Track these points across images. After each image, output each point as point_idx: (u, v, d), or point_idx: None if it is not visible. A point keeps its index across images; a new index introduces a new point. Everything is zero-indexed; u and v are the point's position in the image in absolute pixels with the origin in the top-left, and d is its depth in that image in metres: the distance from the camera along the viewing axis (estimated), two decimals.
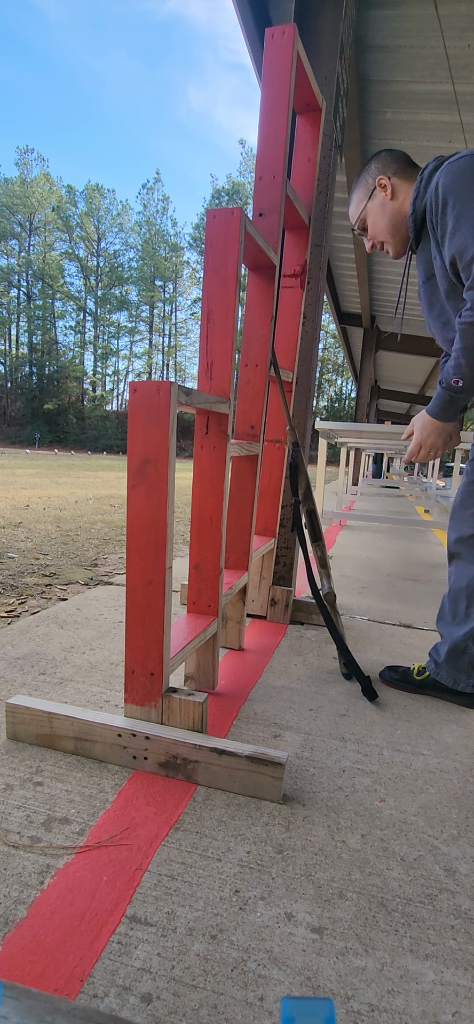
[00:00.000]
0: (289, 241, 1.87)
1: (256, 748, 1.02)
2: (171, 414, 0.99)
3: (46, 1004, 0.49)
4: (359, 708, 1.39)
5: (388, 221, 1.44)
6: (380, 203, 1.43)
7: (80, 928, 0.71)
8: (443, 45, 2.64)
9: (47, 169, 52.24)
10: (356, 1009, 0.64)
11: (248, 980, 0.66)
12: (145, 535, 1.04)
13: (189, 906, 0.76)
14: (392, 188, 1.41)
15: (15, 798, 0.95)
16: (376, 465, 14.60)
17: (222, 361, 1.26)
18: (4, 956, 0.67)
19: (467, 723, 1.36)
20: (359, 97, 3.15)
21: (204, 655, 1.39)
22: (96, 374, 52.99)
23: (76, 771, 1.04)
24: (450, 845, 0.92)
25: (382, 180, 1.42)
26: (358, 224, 1.50)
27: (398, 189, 1.41)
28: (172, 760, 1.04)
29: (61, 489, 8.04)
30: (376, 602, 2.45)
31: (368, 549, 3.93)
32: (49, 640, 1.69)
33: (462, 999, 0.66)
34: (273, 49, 1.48)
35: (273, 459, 1.95)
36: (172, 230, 53.97)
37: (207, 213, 1.23)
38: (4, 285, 48.75)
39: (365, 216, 1.46)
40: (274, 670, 1.59)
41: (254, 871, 0.83)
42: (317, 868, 0.85)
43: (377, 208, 1.44)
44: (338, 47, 1.93)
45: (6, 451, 26.62)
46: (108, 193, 51.89)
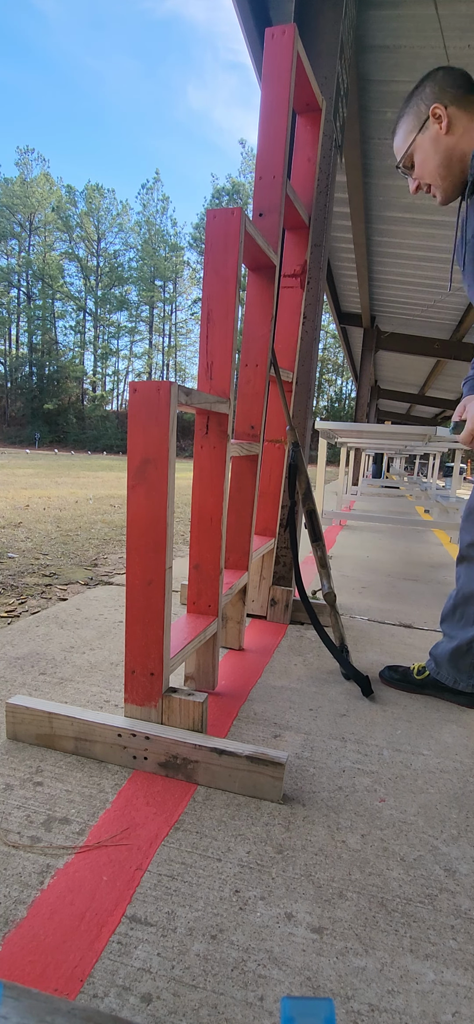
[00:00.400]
0: (289, 241, 1.87)
1: (256, 748, 1.02)
2: (171, 414, 0.99)
3: (46, 1004, 0.49)
4: (359, 708, 1.39)
5: (440, 160, 1.23)
6: (432, 137, 1.22)
7: (80, 928, 0.71)
8: (443, 45, 2.64)
9: (47, 169, 52.27)
10: (356, 1009, 0.64)
11: (248, 980, 0.66)
12: (145, 535, 1.04)
13: (189, 906, 0.76)
14: (448, 120, 1.20)
15: (15, 798, 0.95)
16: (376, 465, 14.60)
17: (222, 361, 1.26)
18: (4, 956, 0.67)
19: (467, 723, 1.36)
20: (359, 97, 3.15)
21: (204, 655, 1.39)
22: (96, 374, 53.01)
23: (76, 771, 1.04)
24: (450, 845, 0.92)
25: (437, 109, 1.20)
26: (403, 161, 1.29)
27: (456, 121, 1.20)
28: (172, 760, 1.04)
29: (61, 489, 8.04)
30: (376, 602, 2.45)
31: (368, 549, 3.93)
32: (49, 640, 1.69)
33: (462, 999, 0.66)
34: (273, 49, 1.48)
35: (273, 459, 1.95)
36: (172, 230, 54.02)
37: (207, 213, 1.23)
38: (4, 285, 48.76)
39: (413, 151, 1.26)
40: (274, 670, 1.59)
41: (254, 871, 0.83)
42: (317, 868, 0.85)
43: (428, 143, 1.23)
44: (338, 47, 1.93)
45: (6, 451, 26.63)
46: (108, 193, 51.93)
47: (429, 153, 1.24)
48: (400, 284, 6.42)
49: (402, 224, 4.76)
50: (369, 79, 3.02)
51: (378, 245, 5.34)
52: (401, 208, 4.47)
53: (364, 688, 1.44)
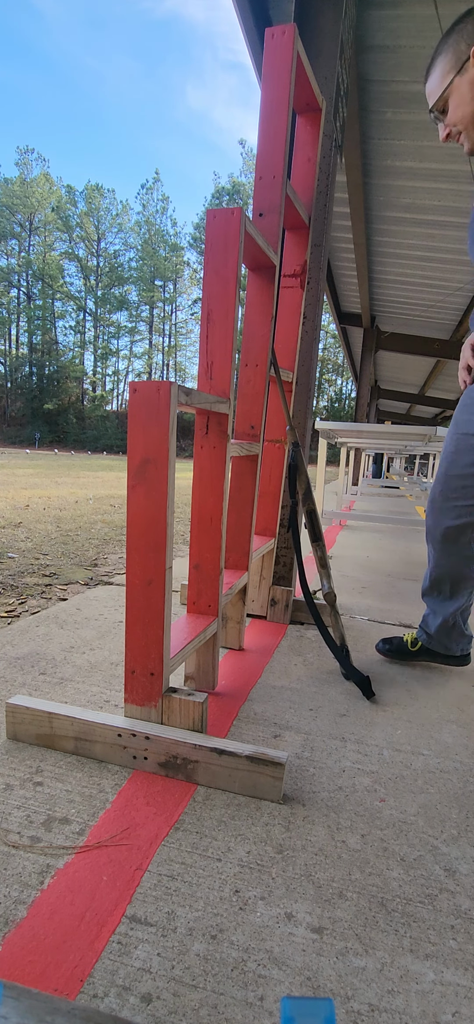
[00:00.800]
0: (289, 241, 1.87)
1: (256, 748, 1.02)
2: (171, 414, 0.99)
3: (46, 1004, 0.49)
4: (359, 708, 1.39)
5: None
6: (471, 81, 1.16)
7: (80, 928, 0.71)
8: None
9: (47, 169, 52.25)
10: (356, 1009, 0.64)
11: (248, 980, 0.66)
12: (145, 535, 1.04)
13: (189, 906, 0.76)
14: None
15: (15, 798, 0.95)
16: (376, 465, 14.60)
17: (222, 361, 1.26)
18: (4, 956, 0.67)
19: (467, 723, 1.36)
20: (359, 97, 3.15)
21: (204, 655, 1.39)
22: (96, 374, 53.01)
23: (76, 771, 1.04)
24: (450, 845, 0.92)
25: None
26: (439, 104, 1.22)
27: None
28: (172, 760, 1.04)
29: (61, 489, 8.04)
30: (376, 602, 2.45)
31: (368, 549, 3.93)
32: (49, 640, 1.69)
33: (462, 999, 0.66)
34: (273, 49, 1.48)
35: (273, 459, 1.95)
36: (172, 230, 54.01)
37: (207, 213, 1.23)
38: (4, 285, 48.76)
39: (449, 95, 1.20)
40: (274, 670, 1.59)
41: (254, 871, 0.83)
42: (317, 868, 0.85)
43: (467, 86, 1.17)
44: (338, 47, 1.93)
45: (6, 451, 26.63)
46: (108, 193, 51.92)
47: (466, 97, 1.18)
48: (400, 284, 6.42)
49: (402, 224, 4.76)
50: (369, 79, 3.02)
51: (378, 245, 5.35)
52: (401, 208, 4.47)
53: (365, 689, 1.45)
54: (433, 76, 1.23)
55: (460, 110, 1.20)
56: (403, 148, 3.61)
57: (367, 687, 1.45)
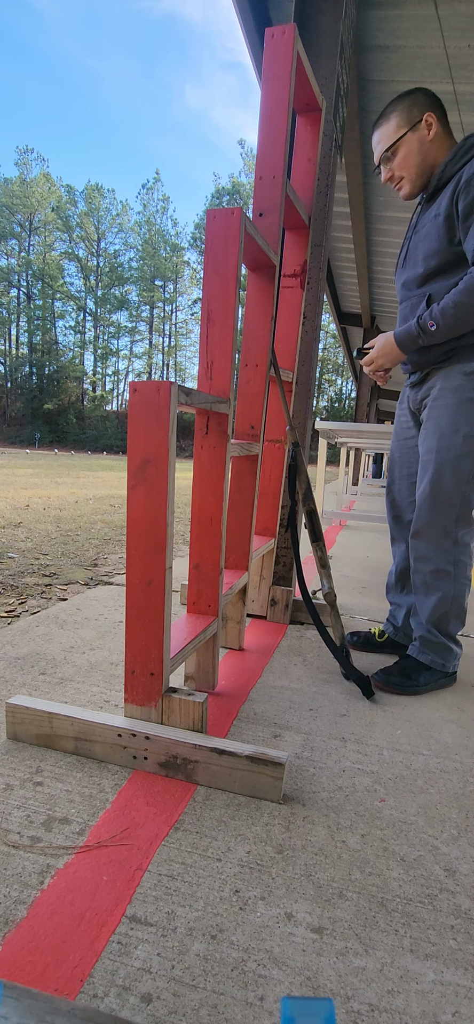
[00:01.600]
0: (289, 241, 1.87)
1: (256, 748, 1.02)
2: (171, 414, 0.99)
3: (46, 1004, 0.49)
4: (359, 708, 1.39)
5: (421, 159, 1.41)
6: (420, 138, 1.40)
7: (80, 928, 0.71)
8: (443, 45, 2.64)
9: (47, 169, 52.24)
10: (356, 1009, 0.64)
11: (248, 980, 0.66)
12: (145, 535, 1.04)
13: (189, 906, 0.76)
14: (435, 131, 1.39)
15: (15, 798, 0.95)
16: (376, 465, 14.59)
17: (222, 361, 1.26)
18: (4, 956, 0.67)
19: (467, 723, 1.36)
20: (359, 97, 3.15)
21: (204, 655, 1.39)
22: (96, 374, 53.00)
23: (76, 771, 1.04)
24: (450, 845, 0.92)
25: (430, 118, 1.39)
26: (389, 150, 1.44)
27: (437, 135, 1.40)
28: (172, 760, 1.04)
29: (61, 489, 8.04)
30: (376, 602, 2.45)
31: (368, 549, 3.93)
32: (49, 640, 1.69)
33: (462, 999, 0.66)
34: (273, 49, 1.48)
35: (273, 459, 1.95)
36: (172, 230, 54.00)
37: (207, 213, 1.23)
38: (4, 285, 48.75)
39: (400, 145, 1.42)
40: (274, 670, 1.59)
41: (254, 871, 0.83)
42: (317, 868, 0.85)
43: (416, 142, 1.40)
44: (338, 47, 1.93)
45: (6, 451, 26.63)
46: (108, 193, 51.91)
47: (414, 151, 1.41)
48: None
49: (402, 224, 4.76)
50: (369, 79, 3.02)
51: (378, 245, 5.35)
52: (401, 208, 4.47)
53: (365, 689, 1.45)
54: (388, 126, 1.44)
55: (408, 159, 1.43)
56: None
57: (367, 687, 1.45)
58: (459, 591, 1.48)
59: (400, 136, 1.41)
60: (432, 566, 1.48)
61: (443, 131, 1.41)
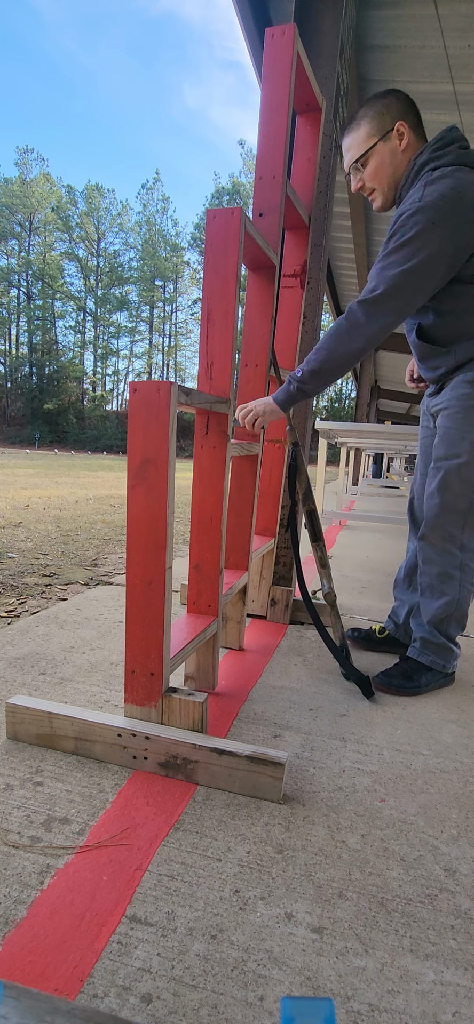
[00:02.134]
0: (289, 241, 1.87)
1: (256, 748, 1.02)
2: (171, 414, 0.99)
3: (46, 1004, 0.49)
4: (359, 708, 1.39)
5: (393, 171, 1.35)
6: (392, 149, 1.32)
7: (80, 928, 0.71)
8: (443, 45, 2.64)
9: (47, 169, 52.24)
10: (356, 1009, 0.64)
11: (248, 980, 0.66)
12: (145, 535, 1.04)
13: (189, 906, 0.76)
14: (407, 141, 1.32)
15: (15, 798, 0.95)
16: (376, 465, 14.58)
17: (222, 361, 1.26)
18: (4, 956, 0.67)
19: (467, 723, 1.36)
20: (359, 97, 3.15)
21: (204, 655, 1.39)
22: (96, 374, 52.98)
23: (76, 771, 1.04)
24: (450, 845, 0.92)
25: (402, 127, 1.31)
26: (359, 160, 1.36)
27: (410, 144, 1.32)
28: (172, 760, 1.04)
29: (61, 489, 8.04)
30: (376, 602, 2.45)
31: (368, 549, 3.93)
32: (49, 640, 1.69)
33: (462, 999, 0.66)
34: (273, 49, 1.48)
35: (273, 459, 1.95)
36: (173, 230, 53.99)
37: (207, 213, 1.23)
38: (4, 285, 48.72)
39: (371, 155, 1.34)
40: (274, 670, 1.59)
41: (254, 871, 0.83)
42: (317, 868, 0.85)
43: (388, 153, 1.33)
44: (338, 47, 1.93)
45: (6, 451, 26.63)
46: (108, 193, 51.90)
47: (385, 162, 1.34)
48: None
49: None
50: (369, 79, 3.02)
51: (378, 245, 5.34)
52: None
53: (365, 689, 1.45)
54: (358, 134, 1.36)
55: (380, 171, 1.35)
56: None
57: (367, 686, 1.45)
58: (463, 596, 1.47)
59: (371, 146, 1.34)
60: (438, 569, 1.47)
61: (416, 138, 1.34)
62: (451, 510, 1.42)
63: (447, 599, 1.47)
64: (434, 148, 1.28)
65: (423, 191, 1.21)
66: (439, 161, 1.25)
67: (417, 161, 1.30)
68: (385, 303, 1.25)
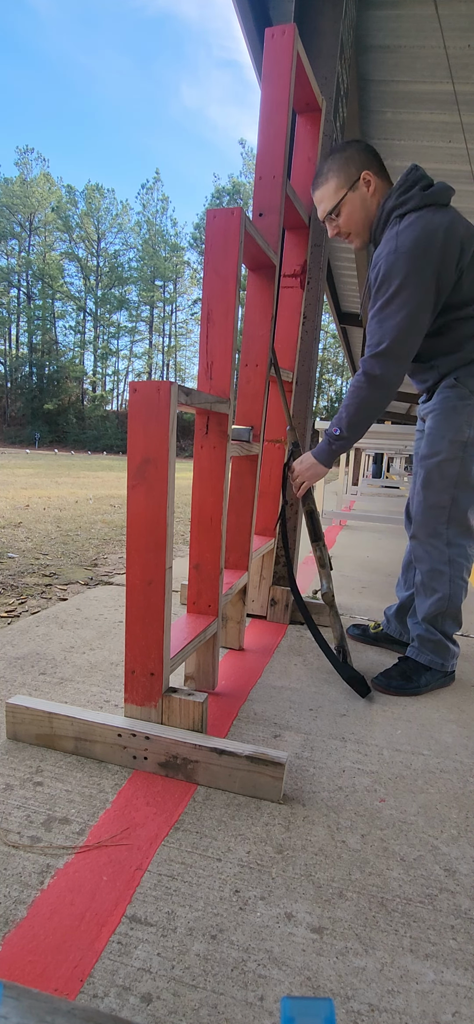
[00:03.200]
0: (289, 241, 1.87)
1: (256, 748, 1.02)
2: (171, 414, 0.99)
3: (46, 1004, 0.49)
4: (359, 708, 1.39)
5: (365, 215, 1.45)
6: (362, 196, 1.43)
7: (80, 928, 0.71)
8: (443, 45, 2.63)
9: (47, 169, 52.21)
10: (356, 1009, 0.64)
11: (248, 980, 0.66)
12: (145, 535, 1.04)
13: (189, 906, 0.76)
14: (374, 186, 1.42)
15: (15, 798, 0.95)
16: (376, 465, 14.58)
17: (222, 361, 1.26)
18: (4, 956, 0.67)
19: (467, 723, 1.36)
20: (359, 97, 3.15)
21: (204, 655, 1.39)
22: (96, 374, 52.95)
23: (76, 771, 1.04)
24: (450, 845, 0.92)
25: (368, 176, 1.42)
26: (333, 212, 1.47)
27: (377, 189, 1.43)
28: (172, 760, 1.04)
29: (61, 489, 8.04)
30: (376, 602, 2.45)
31: (368, 549, 3.93)
32: (49, 640, 1.69)
33: (462, 999, 0.66)
34: (273, 49, 1.48)
35: (273, 459, 1.95)
36: (172, 230, 53.97)
37: (207, 213, 1.23)
38: (4, 285, 48.70)
39: (342, 205, 1.45)
40: (274, 670, 1.59)
41: (254, 871, 0.83)
42: (317, 868, 0.85)
43: (358, 200, 1.44)
44: (338, 47, 1.93)
45: (6, 451, 26.62)
46: (108, 193, 51.88)
47: (357, 209, 1.44)
48: None
49: None
50: (369, 79, 3.02)
51: None
52: None
53: (359, 688, 1.45)
54: (327, 187, 1.45)
55: (352, 217, 1.45)
56: (403, 148, 3.61)
57: (362, 686, 1.45)
58: (455, 591, 1.49)
59: (341, 198, 1.44)
60: (427, 566, 1.51)
61: (382, 182, 1.43)
62: (434, 506, 1.47)
63: (439, 595, 1.49)
64: (399, 193, 1.38)
65: (397, 240, 1.32)
66: (405, 207, 1.35)
67: (385, 206, 1.40)
68: (395, 350, 1.36)
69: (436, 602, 1.49)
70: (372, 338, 1.38)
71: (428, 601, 1.51)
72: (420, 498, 1.50)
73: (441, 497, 1.45)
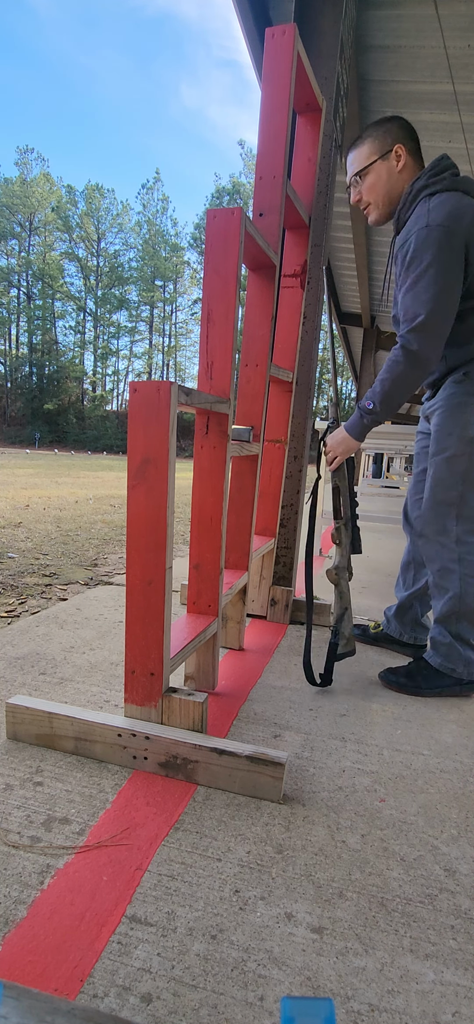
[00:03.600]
0: (289, 241, 1.87)
1: (256, 748, 1.02)
2: (171, 414, 0.99)
3: (46, 1004, 0.49)
4: (359, 708, 1.39)
5: (388, 189, 1.46)
6: (389, 169, 1.44)
7: (80, 928, 0.71)
8: (443, 45, 2.63)
9: (47, 169, 52.20)
10: (356, 1009, 0.64)
11: (248, 980, 0.66)
12: (145, 535, 1.04)
13: (189, 906, 0.76)
14: (404, 163, 1.43)
15: (15, 798, 0.95)
16: (376, 465, 14.57)
17: (222, 361, 1.26)
18: (4, 956, 0.67)
19: (467, 723, 1.36)
20: (359, 97, 3.15)
21: (204, 655, 1.39)
22: (96, 374, 52.94)
23: (76, 771, 1.04)
24: (450, 845, 0.92)
25: (400, 149, 1.42)
26: (359, 174, 1.48)
27: (407, 167, 1.43)
28: (172, 760, 1.04)
29: (61, 489, 8.04)
30: (376, 602, 2.45)
31: (368, 549, 3.92)
32: (49, 640, 1.69)
33: (462, 999, 0.66)
34: (273, 49, 1.48)
35: (273, 459, 1.95)
36: (172, 230, 53.96)
37: (207, 213, 1.23)
38: (4, 285, 48.69)
39: (369, 171, 1.46)
40: (274, 670, 1.59)
41: (254, 871, 0.83)
42: (317, 868, 0.85)
43: (385, 172, 1.44)
44: (338, 47, 1.93)
45: (6, 451, 26.62)
46: (108, 193, 51.87)
47: (382, 179, 1.46)
48: None
49: None
50: (369, 79, 3.02)
51: (378, 245, 5.34)
52: None
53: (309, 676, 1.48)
54: (361, 151, 1.47)
55: (375, 187, 1.46)
56: None
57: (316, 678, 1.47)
58: (466, 590, 1.46)
59: (370, 163, 1.45)
60: (437, 565, 1.50)
61: (414, 163, 1.44)
62: (442, 503, 1.47)
63: (450, 594, 1.48)
64: (430, 175, 1.39)
65: (428, 216, 1.32)
66: (435, 187, 1.36)
67: (415, 186, 1.40)
68: (432, 323, 1.33)
69: (448, 601, 1.48)
70: (407, 313, 1.36)
71: (440, 601, 1.50)
72: (428, 496, 1.49)
73: (449, 494, 1.45)
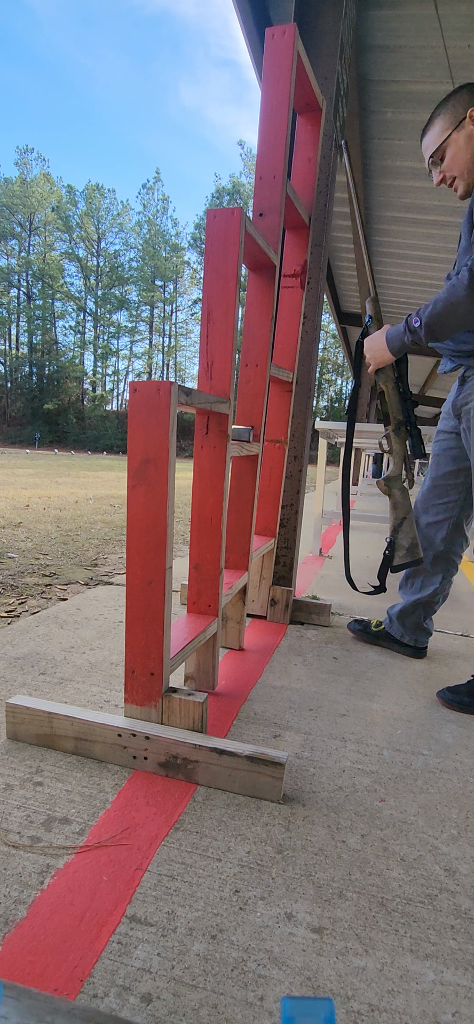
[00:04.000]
0: (289, 241, 1.87)
1: (256, 748, 1.02)
2: (171, 414, 0.99)
3: (46, 1004, 0.49)
4: (359, 708, 1.39)
5: (471, 156, 1.39)
6: (468, 135, 1.38)
7: (80, 928, 0.71)
8: (443, 45, 2.63)
9: (47, 169, 52.19)
10: (356, 1009, 0.64)
11: (248, 980, 0.66)
12: (145, 535, 1.04)
13: (189, 906, 0.76)
14: None
15: (15, 798, 0.95)
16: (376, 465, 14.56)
17: (222, 361, 1.26)
18: (4, 956, 0.67)
19: (467, 723, 1.36)
20: (359, 97, 3.15)
21: (204, 655, 1.39)
22: (96, 374, 52.94)
23: (76, 771, 1.04)
24: (450, 845, 0.92)
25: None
26: (436, 154, 1.43)
27: None
28: (172, 760, 1.04)
29: (61, 489, 8.04)
30: (376, 601, 2.45)
31: (368, 549, 3.92)
32: (49, 640, 1.69)
33: (462, 999, 0.66)
34: (273, 49, 1.48)
35: (273, 459, 1.95)
36: (173, 230, 53.96)
37: (207, 213, 1.23)
38: (4, 285, 48.68)
39: (447, 146, 1.40)
40: (274, 670, 1.59)
41: (254, 871, 0.83)
42: (317, 868, 0.85)
43: (463, 140, 1.38)
44: (338, 47, 1.93)
45: (6, 451, 26.61)
46: (108, 193, 51.87)
47: (462, 149, 1.38)
48: (400, 284, 6.42)
49: (402, 224, 4.76)
50: (369, 79, 3.02)
51: (378, 245, 5.34)
52: (401, 208, 4.47)
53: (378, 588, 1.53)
54: (433, 131, 1.43)
55: (457, 158, 1.40)
56: (403, 148, 3.61)
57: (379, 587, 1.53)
58: None
59: (445, 138, 1.39)
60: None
61: None
62: None
63: None
64: None
65: None
66: None
67: None
68: None
69: None
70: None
71: None
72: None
73: None
